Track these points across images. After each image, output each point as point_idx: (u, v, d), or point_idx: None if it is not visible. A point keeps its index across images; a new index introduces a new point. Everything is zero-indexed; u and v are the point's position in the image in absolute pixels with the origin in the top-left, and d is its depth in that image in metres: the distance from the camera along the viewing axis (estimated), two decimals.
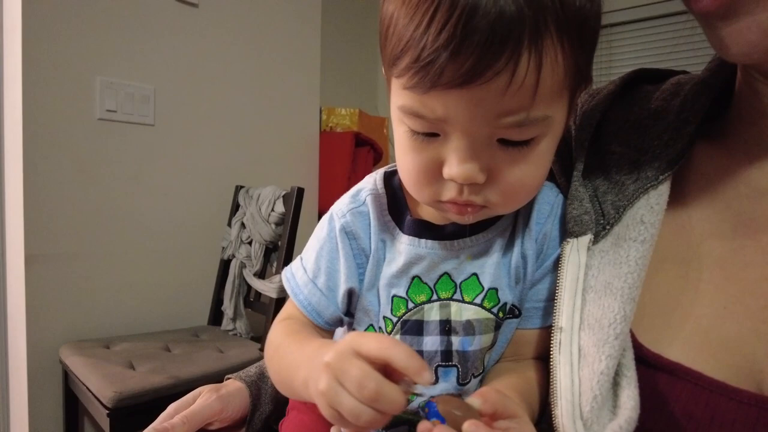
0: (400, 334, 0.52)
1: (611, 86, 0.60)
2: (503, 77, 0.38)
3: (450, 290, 0.51)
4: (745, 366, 0.43)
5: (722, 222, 0.49)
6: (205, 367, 1.52)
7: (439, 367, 0.51)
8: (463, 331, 0.51)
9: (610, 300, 0.46)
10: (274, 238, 1.86)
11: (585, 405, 0.43)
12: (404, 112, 0.43)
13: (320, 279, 0.55)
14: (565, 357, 0.46)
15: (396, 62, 0.41)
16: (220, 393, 0.66)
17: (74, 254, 1.75)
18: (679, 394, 0.44)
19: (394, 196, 0.55)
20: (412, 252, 0.51)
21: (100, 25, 1.77)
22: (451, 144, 0.43)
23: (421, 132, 0.43)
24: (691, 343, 0.45)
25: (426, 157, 0.44)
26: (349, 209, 0.55)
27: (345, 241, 0.54)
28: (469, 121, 0.41)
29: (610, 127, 0.57)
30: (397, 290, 0.52)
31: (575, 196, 0.53)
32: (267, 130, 2.31)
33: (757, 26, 0.39)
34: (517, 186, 0.45)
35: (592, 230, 0.50)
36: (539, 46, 0.38)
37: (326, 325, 0.56)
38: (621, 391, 0.43)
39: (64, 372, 1.66)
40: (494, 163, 0.43)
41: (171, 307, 2.00)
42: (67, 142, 1.72)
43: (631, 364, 0.44)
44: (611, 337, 0.44)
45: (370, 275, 0.53)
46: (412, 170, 0.46)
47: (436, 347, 0.51)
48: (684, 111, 0.52)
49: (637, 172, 0.52)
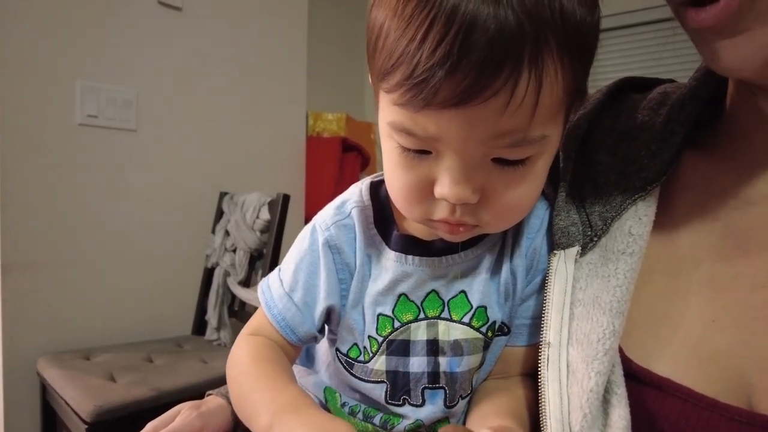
0: (386, 354, 0.50)
1: (598, 95, 0.59)
2: (501, 97, 0.35)
3: (438, 308, 0.50)
4: (734, 380, 0.42)
5: (710, 233, 0.48)
6: (188, 379, 1.49)
7: (426, 389, 0.50)
8: (450, 351, 0.49)
9: (599, 314, 0.45)
10: (259, 245, 1.84)
11: (575, 424, 0.42)
12: (394, 129, 0.41)
13: (297, 293, 0.52)
14: (554, 373, 0.45)
15: (387, 77, 0.39)
16: (200, 410, 0.63)
17: (53, 263, 1.71)
18: (669, 411, 0.43)
19: (381, 209, 0.52)
20: (399, 269, 0.49)
21: (81, 28, 1.74)
22: (444, 163, 0.40)
23: (412, 149, 0.41)
24: (680, 357, 0.45)
25: (417, 174, 0.42)
26: (334, 222, 0.52)
27: (328, 256, 0.51)
28: (464, 142, 0.38)
29: (597, 137, 0.57)
30: (382, 308, 0.50)
31: (562, 207, 0.53)
32: (252, 135, 2.28)
33: (753, 41, 0.39)
34: (512, 206, 0.43)
35: (579, 242, 0.49)
36: (539, 64, 0.36)
37: (299, 342, 0.53)
38: (612, 409, 0.42)
39: (42, 385, 1.61)
40: (488, 183, 0.41)
41: (153, 316, 1.96)
42: (45, 148, 1.68)
43: (621, 380, 0.43)
44: (600, 353, 0.43)
45: (355, 292, 0.51)
46: (401, 188, 0.44)
47: (423, 368, 0.49)
48: (671, 121, 0.52)
49: (624, 183, 0.51)
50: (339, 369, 0.53)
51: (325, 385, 0.55)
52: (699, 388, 0.42)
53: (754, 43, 0.39)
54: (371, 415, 0.51)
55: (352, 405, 0.53)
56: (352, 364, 0.52)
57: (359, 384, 0.52)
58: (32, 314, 1.66)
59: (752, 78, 0.43)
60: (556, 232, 0.51)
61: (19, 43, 1.60)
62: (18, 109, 1.61)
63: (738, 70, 0.42)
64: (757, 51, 0.39)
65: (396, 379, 0.49)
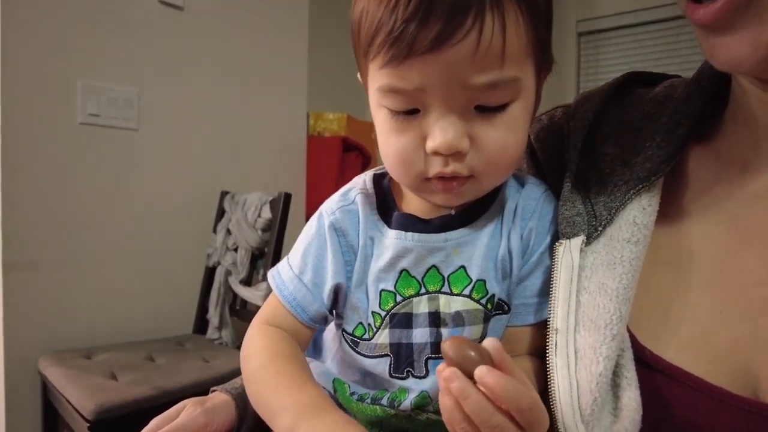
0: (389, 327, 0.51)
1: (605, 87, 0.60)
2: (471, 38, 0.41)
3: (438, 283, 0.51)
4: (740, 371, 0.43)
5: (717, 225, 0.49)
6: (190, 378, 1.48)
7: (429, 359, 0.50)
8: (452, 322, 0.50)
9: (605, 301, 0.46)
10: (261, 244, 1.84)
11: (585, 408, 0.42)
12: (383, 92, 0.45)
13: (307, 275, 0.54)
14: (562, 359, 0.45)
15: (371, 44, 0.44)
16: (204, 406, 0.63)
17: (54, 262, 1.71)
18: (680, 399, 0.43)
19: (383, 196, 0.56)
20: (399, 245, 0.52)
21: (82, 27, 1.74)
22: (432, 117, 0.45)
23: (401, 111, 0.45)
24: (688, 347, 0.45)
25: (408, 136, 0.46)
26: (339, 207, 0.55)
27: (334, 237, 0.54)
28: (446, 87, 0.43)
29: (603, 129, 0.57)
30: (385, 284, 0.52)
31: (568, 197, 0.54)
32: (253, 134, 2.28)
33: (749, 41, 0.40)
34: (498, 152, 0.46)
35: (584, 231, 0.50)
36: (501, 7, 0.41)
37: (310, 322, 0.55)
38: (622, 392, 0.43)
39: (43, 384, 1.62)
40: (474, 132, 0.45)
41: (155, 315, 1.96)
42: (47, 147, 1.68)
43: (631, 365, 0.44)
44: (608, 338, 0.44)
45: (359, 272, 0.53)
46: (396, 152, 0.47)
47: (425, 339, 0.50)
48: (677, 113, 0.52)
49: (629, 174, 0.52)
50: (345, 351, 0.54)
51: (334, 377, 0.56)
52: (707, 378, 0.43)
53: (751, 41, 0.40)
54: (379, 397, 0.51)
55: (361, 393, 0.53)
56: (358, 343, 0.53)
57: (364, 361, 0.52)
58: (34, 313, 1.66)
59: (751, 74, 0.44)
60: (561, 222, 0.52)
61: (21, 42, 1.61)
62: (20, 109, 1.61)
63: (735, 66, 0.42)
64: (754, 49, 0.40)
65: (399, 351, 0.50)
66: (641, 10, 3.22)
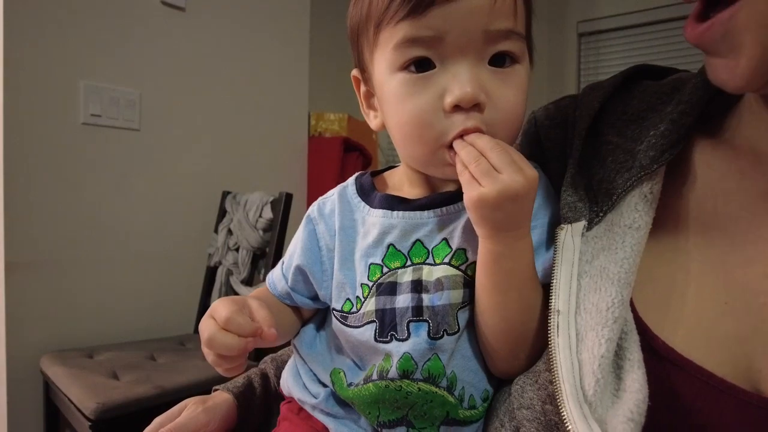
0: (376, 296, 0.53)
1: (612, 79, 0.61)
2: None
3: (423, 256, 0.53)
4: (742, 364, 0.43)
5: (722, 217, 0.49)
6: (191, 377, 1.49)
7: (411, 322, 0.52)
8: (433, 288, 0.52)
9: (607, 285, 0.46)
10: (262, 244, 1.84)
11: (588, 389, 0.43)
12: (400, 46, 0.48)
13: (285, 263, 0.63)
14: (564, 340, 0.46)
15: (386, 12, 0.48)
16: (206, 405, 0.64)
17: (56, 261, 1.71)
18: (687, 389, 0.43)
19: (362, 185, 0.60)
20: (386, 223, 0.55)
21: (84, 28, 1.74)
22: (449, 72, 0.48)
23: (417, 64, 0.48)
24: (693, 338, 0.45)
25: (426, 96, 0.49)
26: (318, 201, 0.62)
27: (309, 225, 0.61)
28: (467, 33, 0.47)
29: (609, 119, 0.58)
30: (373, 259, 0.55)
31: (570, 183, 0.54)
32: (255, 135, 2.29)
33: (728, 69, 0.41)
34: (510, 110, 0.50)
35: (585, 217, 0.51)
36: None
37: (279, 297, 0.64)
38: (625, 374, 0.43)
39: (45, 383, 1.62)
40: (488, 88, 0.48)
41: (156, 315, 1.96)
42: (49, 147, 1.69)
43: (635, 347, 0.44)
44: (610, 321, 0.44)
45: (341, 252, 0.57)
46: (413, 116, 0.50)
47: (407, 304, 0.52)
48: (682, 103, 0.53)
49: (631, 161, 0.52)
50: (337, 328, 0.57)
51: (331, 368, 0.57)
52: (711, 369, 0.43)
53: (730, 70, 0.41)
54: (369, 375, 0.52)
55: (356, 380, 0.54)
56: (346, 317, 0.55)
57: (353, 333, 0.54)
58: (36, 312, 1.67)
59: (745, 91, 0.45)
60: (563, 207, 0.53)
61: (23, 43, 1.61)
62: (22, 109, 1.62)
63: (721, 86, 0.43)
64: (732, 76, 0.41)
65: (384, 317, 0.52)
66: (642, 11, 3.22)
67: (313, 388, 0.58)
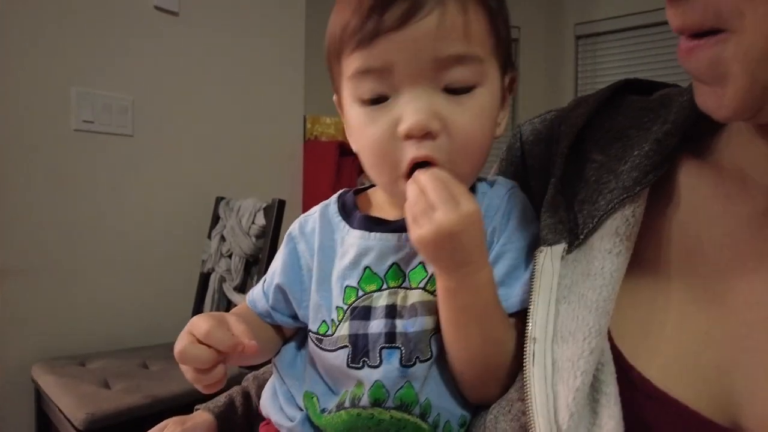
0: (350, 320, 0.53)
1: (598, 93, 0.59)
2: (435, 15, 0.46)
3: (399, 280, 0.53)
4: (722, 397, 0.42)
5: (707, 242, 0.47)
6: (183, 385, 1.47)
7: (383, 348, 0.51)
8: (407, 314, 0.51)
9: (585, 313, 0.45)
10: (255, 251, 1.83)
11: (562, 423, 0.41)
12: (354, 78, 0.49)
13: (266, 282, 0.62)
14: (539, 370, 0.44)
15: (342, 38, 0.49)
16: (185, 426, 0.64)
17: (48, 268, 1.71)
18: (663, 423, 0.42)
19: (344, 203, 0.60)
20: (363, 245, 0.54)
21: (76, 33, 1.74)
22: (402, 100, 0.48)
23: (371, 98, 0.49)
24: (670, 368, 0.44)
25: (381, 125, 0.49)
26: (301, 219, 0.61)
27: (290, 244, 0.60)
28: (414, 62, 0.47)
29: (594, 135, 0.56)
30: (349, 281, 0.54)
31: (551, 203, 0.53)
32: (249, 139, 2.28)
33: (715, 98, 0.40)
34: (467, 137, 0.49)
35: (566, 239, 0.50)
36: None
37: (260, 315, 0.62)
38: (601, 408, 0.42)
39: (36, 391, 1.61)
40: (444, 114, 0.48)
41: (149, 322, 1.96)
42: (41, 154, 1.68)
43: (611, 380, 0.43)
44: (586, 352, 0.43)
45: (319, 272, 0.56)
46: (370, 143, 0.50)
47: (380, 330, 0.51)
48: (668, 122, 0.51)
49: (614, 182, 0.50)
50: (313, 350, 0.56)
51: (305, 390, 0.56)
52: (689, 402, 0.42)
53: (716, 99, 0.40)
54: (342, 401, 0.52)
55: (328, 406, 0.53)
56: (321, 339, 0.55)
57: (327, 356, 0.53)
58: (27, 320, 1.66)
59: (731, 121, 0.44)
60: (543, 229, 0.51)
61: (14, 49, 1.60)
62: (13, 115, 1.61)
63: (708, 113, 0.42)
64: (718, 106, 0.40)
65: (357, 342, 0.52)
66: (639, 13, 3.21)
67: (289, 411, 0.57)
